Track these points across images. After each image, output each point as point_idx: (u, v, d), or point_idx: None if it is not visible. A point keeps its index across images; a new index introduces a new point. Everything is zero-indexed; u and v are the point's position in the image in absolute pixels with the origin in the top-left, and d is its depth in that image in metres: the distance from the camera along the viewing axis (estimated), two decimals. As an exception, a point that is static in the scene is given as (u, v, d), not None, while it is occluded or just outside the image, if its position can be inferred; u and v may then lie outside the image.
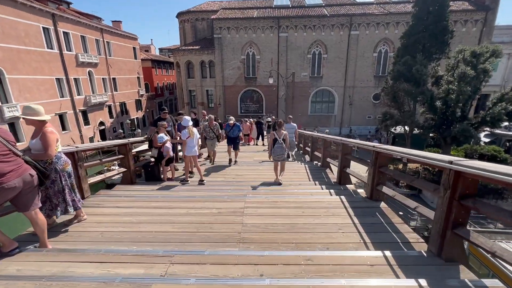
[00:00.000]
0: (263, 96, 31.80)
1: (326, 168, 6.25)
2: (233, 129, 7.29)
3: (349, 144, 4.43)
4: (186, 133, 5.07)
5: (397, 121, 16.84)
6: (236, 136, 7.34)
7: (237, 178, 5.61)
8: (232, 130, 7.28)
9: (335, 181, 5.13)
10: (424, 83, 15.71)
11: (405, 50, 17.74)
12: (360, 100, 30.96)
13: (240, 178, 5.62)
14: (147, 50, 50.12)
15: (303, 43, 29.58)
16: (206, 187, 4.76)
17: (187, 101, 32.98)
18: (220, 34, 29.65)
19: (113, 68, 30.98)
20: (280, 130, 5.44)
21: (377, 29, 28.51)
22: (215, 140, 7.13)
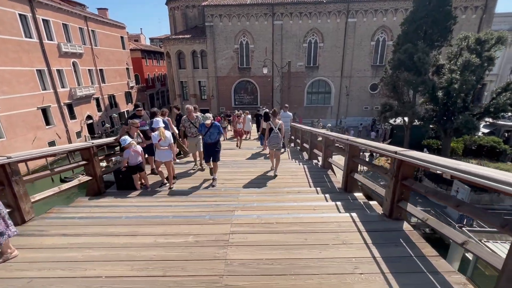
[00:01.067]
0: (257, 87, 30.78)
1: (327, 169, 5.51)
2: (211, 132, 4.95)
3: (358, 145, 3.66)
4: (157, 136, 4.25)
5: (397, 113, 16.17)
6: (216, 141, 5.03)
7: (225, 184, 4.84)
8: (210, 133, 4.95)
9: (340, 187, 4.40)
10: (426, 72, 14.98)
11: (406, 37, 16.89)
12: (357, 90, 30.18)
13: (229, 184, 4.85)
14: (137, 40, 48.17)
15: (299, 32, 28.43)
16: (186, 200, 3.99)
17: (178, 93, 31.77)
18: (212, 22, 28.27)
19: (100, 59, 29.46)
20: (275, 119, 5.66)
21: (375, 16, 27.47)
22: (198, 138, 5.74)
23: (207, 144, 5.03)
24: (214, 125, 4.95)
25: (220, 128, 5.06)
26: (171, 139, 4.54)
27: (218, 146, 5.08)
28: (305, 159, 7.34)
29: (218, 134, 5.03)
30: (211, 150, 4.98)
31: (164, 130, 4.35)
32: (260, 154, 8.23)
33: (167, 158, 4.48)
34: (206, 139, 5.01)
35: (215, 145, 5.04)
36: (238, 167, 6.06)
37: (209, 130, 4.97)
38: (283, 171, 5.56)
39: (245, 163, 6.68)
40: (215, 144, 5.04)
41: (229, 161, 7.20)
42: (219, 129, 5.05)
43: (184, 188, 4.63)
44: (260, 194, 4.17)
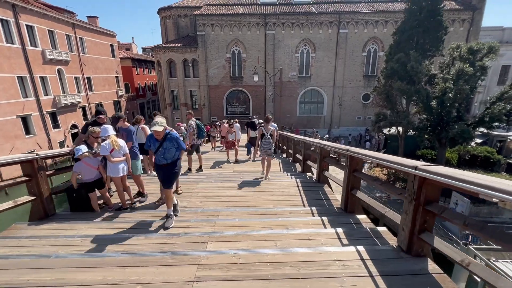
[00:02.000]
0: (250, 96, 30.36)
1: (323, 184, 4.84)
2: (165, 148, 3.38)
3: (361, 157, 3.01)
4: (108, 146, 3.52)
5: (391, 122, 15.82)
6: (173, 161, 3.46)
7: (204, 203, 4.08)
8: (164, 150, 3.38)
9: (339, 207, 3.71)
10: (419, 81, 14.76)
11: (398, 46, 16.81)
12: (349, 100, 30.11)
13: (208, 203, 4.10)
14: (128, 49, 47.67)
15: (291, 41, 28.41)
16: (146, 227, 3.16)
17: (169, 102, 31.04)
18: (203, 31, 27.99)
19: (88, 67, 28.63)
20: (268, 125, 5.82)
21: (366, 27, 27.75)
22: None
23: (160, 167, 3.40)
24: (170, 137, 3.34)
25: (179, 141, 3.42)
26: (125, 148, 3.81)
27: (176, 168, 3.42)
28: (297, 172, 6.67)
29: (177, 150, 3.40)
30: (166, 174, 3.40)
31: (116, 138, 3.63)
32: (250, 163, 7.55)
33: (124, 172, 3.74)
34: (158, 158, 3.37)
35: (172, 167, 3.39)
36: (223, 181, 5.32)
37: (162, 145, 3.30)
38: (273, 186, 4.86)
39: (232, 177, 5.94)
40: (172, 166, 3.39)
41: (214, 173, 6.47)
42: (179, 143, 3.40)
43: (151, 209, 3.86)
44: (243, 216, 3.44)
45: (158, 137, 3.28)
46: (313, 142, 5.24)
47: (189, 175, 6.22)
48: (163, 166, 3.40)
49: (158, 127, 3.22)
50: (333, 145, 4.02)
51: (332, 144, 4.33)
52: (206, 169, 7.03)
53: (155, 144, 3.34)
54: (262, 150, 5.77)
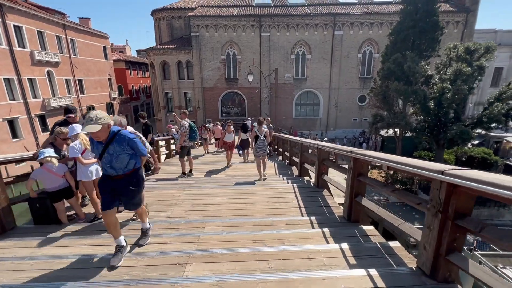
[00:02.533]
0: (245, 98, 29.98)
1: (322, 189, 4.42)
2: (111, 153, 2.40)
3: (367, 159, 2.60)
4: (79, 147, 3.05)
5: (388, 123, 15.54)
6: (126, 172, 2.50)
7: (190, 213, 3.63)
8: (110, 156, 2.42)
9: (341, 215, 3.29)
10: (416, 82, 14.54)
11: (394, 47, 16.63)
12: (345, 102, 29.92)
13: (194, 212, 3.64)
14: (122, 51, 47.08)
15: (286, 43, 28.18)
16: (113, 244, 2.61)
17: (163, 105, 30.47)
18: (198, 33, 27.60)
19: (79, 69, 28.00)
20: (261, 127, 5.88)
21: (361, 29, 27.68)
22: None
23: (107, 179, 2.47)
24: (118, 138, 2.37)
25: (135, 144, 2.44)
26: None
27: (133, 182, 2.49)
28: (294, 175, 6.25)
29: (132, 158, 2.46)
30: (116, 192, 2.46)
31: (86, 136, 3.14)
32: (243, 167, 7.12)
33: (98, 174, 3.27)
34: (103, 167, 2.47)
35: (126, 181, 2.47)
36: (213, 186, 4.87)
37: (106, 149, 2.35)
38: (268, 192, 4.43)
39: (223, 182, 5.49)
40: (126, 179, 2.47)
41: (204, 178, 6.01)
42: (134, 147, 2.44)
43: (127, 221, 3.39)
44: (233, 228, 2.99)
45: (97, 138, 2.29)
46: (311, 143, 4.83)
47: (178, 181, 5.75)
48: (113, 179, 2.45)
49: (91, 126, 2.16)
50: (334, 146, 3.61)
51: (332, 145, 3.92)
52: (196, 173, 6.57)
53: (98, 147, 2.38)
54: (257, 151, 5.78)
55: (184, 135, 6.10)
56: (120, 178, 2.47)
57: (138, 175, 2.60)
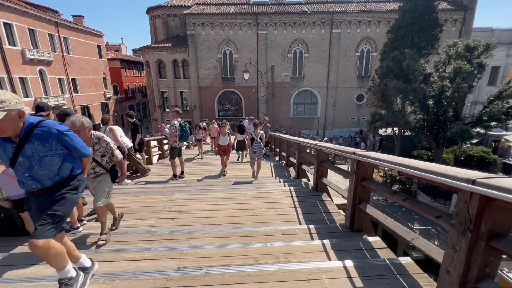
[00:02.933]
0: (242, 98, 29.64)
1: (321, 193, 4.11)
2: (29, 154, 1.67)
3: (373, 162, 2.28)
4: None
5: (387, 122, 15.30)
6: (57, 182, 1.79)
7: (176, 220, 3.28)
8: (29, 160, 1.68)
9: (343, 224, 2.98)
10: (415, 80, 14.31)
11: (392, 45, 16.39)
12: (343, 101, 29.70)
13: (181, 220, 3.30)
14: (118, 50, 46.44)
15: (284, 42, 27.88)
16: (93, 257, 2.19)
17: (158, 104, 30.03)
18: (194, 31, 27.20)
19: (73, 67, 27.44)
20: (257, 129, 5.93)
21: (359, 27, 27.46)
22: None
23: (29, 196, 1.83)
24: (40, 132, 1.67)
25: (71, 138, 1.80)
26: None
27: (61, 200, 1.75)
28: (291, 177, 5.94)
29: (66, 160, 1.81)
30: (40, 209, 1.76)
31: None
32: (238, 168, 6.79)
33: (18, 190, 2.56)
34: (21, 180, 1.74)
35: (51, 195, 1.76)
36: (204, 190, 4.53)
37: (21, 150, 1.65)
38: (262, 196, 4.10)
39: (216, 185, 5.16)
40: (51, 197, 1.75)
41: (196, 181, 5.67)
42: (68, 143, 1.79)
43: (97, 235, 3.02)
44: (221, 240, 2.66)
45: (1, 134, 1.58)
46: (309, 144, 4.51)
47: (168, 184, 5.41)
48: (36, 196, 1.77)
49: None
50: (335, 147, 3.29)
51: (332, 145, 3.60)
52: (189, 176, 6.24)
53: (7, 148, 1.66)
54: (253, 153, 5.85)
55: (174, 135, 5.75)
56: (46, 192, 1.74)
57: (77, 185, 1.88)
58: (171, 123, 5.77)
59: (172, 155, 5.88)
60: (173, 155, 5.90)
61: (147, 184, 5.36)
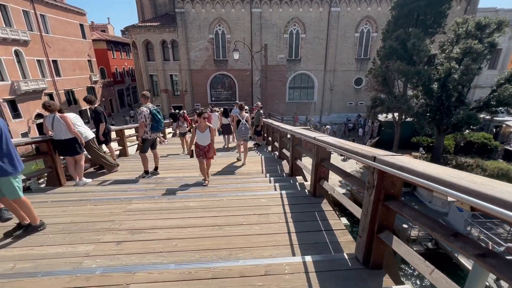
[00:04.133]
0: (235, 81, 28.24)
1: (321, 199, 3.23)
2: None
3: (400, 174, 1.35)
4: None
5: (389, 108, 14.36)
6: None
7: (120, 251, 2.34)
8: None
9: (353, 254, 2.10)
10: (420, 61, 13.24)
11: (396, 23, 15.11)
12: (341, 85, 28.54)
13: (128, 248, 2.37)
14: (104, 31, 43.83)
15: (279, 21, 26.18)
16: None
17: (147, 88, 28.44)
18: (183, 8, 25.28)
19: (53, 48, 25.55)
20: (242, 112, 6.14)
21: (359, 5, 25.83)
22: None
23: None
24: None
25: None
26: None
27: None
28: (284, 174, 5.03)
29: None
30: None
31: None
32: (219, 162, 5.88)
33: None
34: None
35: None
36: (171, 197, 3.60)
37: None
38: (246, 206, 3.20)
39: (189, 187, 4.19)
40: None
41: (169, 179, 4.73)
42: None
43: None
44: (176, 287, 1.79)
45: None
46: (306, 136, 3.55)
47: (133, 185, 4.45)
48: None
49: None
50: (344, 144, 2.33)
51: (335, 140, 2.65)
52: (163, 171, 5.30)
53: None
54: (240, 135, 5.93)
55: (143, 125, 4.75)
56: None
57: None
58: (139, 111, 4.75)
59: (143, 148, 4.91)
60: (145, 148, 4.93)
61: (107, 185, 4.41)
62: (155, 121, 4.85)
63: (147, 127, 4.81)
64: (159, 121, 4.88)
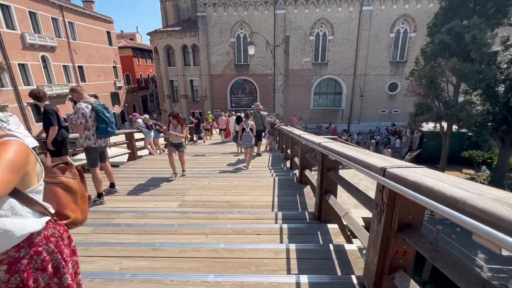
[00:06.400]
0: (256, 86, 26.79)
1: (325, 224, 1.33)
2: None
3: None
4: None
5: (438, 115, 11.78)
6: None
7: None
8: None
9: None
10: (482, 58, 10.65)
11: (446, 15, 12.61)
12: (372, 91, 25.87)
13: None
14: (132, 39, 45.24)
15: (305, 22, 24.46)
16: None
17: (167, 94, 28.08)
18: (204, 12, 24.60)
19: (80, 55, 26.09)
20: (247, 120, 6.31)
21: (395, 3, 23.31)
22: None
23: None
24: None
25: None
26: None
27: None
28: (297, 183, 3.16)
29: None
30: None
31: None
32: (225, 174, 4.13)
33: None
34: None
35: None
36: (147, 231, 1.93)
37: None
38: None
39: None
40: None
41: (128, 209, 3.07)
42: None
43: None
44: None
45: None
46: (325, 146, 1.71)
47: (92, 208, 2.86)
48: None
49: None
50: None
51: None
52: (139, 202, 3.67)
53: None
54: (243, 142, 6.09)
55: (82, 127, 3.21)
56: None
57: None
58: (75, 108, 3.22)
59: (91, 161, 3.35)
60: (92, 161, 3.37)
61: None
62: (101, 121, 3.30)
63: (90, 131, 3.25)
64: (108, 121, 3.32)
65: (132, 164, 6.13)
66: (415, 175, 1.03)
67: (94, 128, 3.31)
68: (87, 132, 3.26)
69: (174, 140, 4.76)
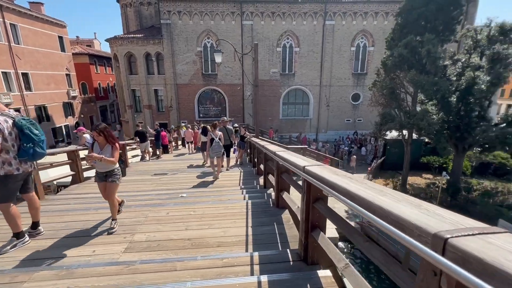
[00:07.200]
0: (225, 97, 26.24)
1: None
2: None
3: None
4: None
5: (402, 124, 12.32)
6: None
7: None
8: None
9: None
10: (436, 71, 11.42)
11: (403, 30, 13.47)
12: (337, 101, 26.89)
13: None
14: (90, 45, 42.04)
15: (272, 34, 24.79)
16: None
17: (129, 104, 26.14)
18: (169, 20, 23.66)
19: (24, 60, 23.20)
20: (215, 131, 6.32)
21: (355, 19, 24.78)
22: None
23: None
24: None
25: None
26: None
27: None
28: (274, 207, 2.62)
29: None
30: None
31: None
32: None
33: None
34: None
35: None
36: None
37: None
38: None
39: None
40: None
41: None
42: None
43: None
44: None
45: None
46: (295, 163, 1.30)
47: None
48: None
49: None
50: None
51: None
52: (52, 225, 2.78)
53: None
54: (213, 152, 6.01)
55: None
56: None
57: None
58: None
59: (7, 194, 2.45)
60: (9, 192, 2.47)
61: None
62: (27, 139, 2.45)
63: (10, 152, 2.39)
64: (35, 140, 2.48)
65: (75, 189, 5.08)
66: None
67: (16, 149, 2.43)
68: (5, 155, 2.37)
69: (100, 168, 3.14)
